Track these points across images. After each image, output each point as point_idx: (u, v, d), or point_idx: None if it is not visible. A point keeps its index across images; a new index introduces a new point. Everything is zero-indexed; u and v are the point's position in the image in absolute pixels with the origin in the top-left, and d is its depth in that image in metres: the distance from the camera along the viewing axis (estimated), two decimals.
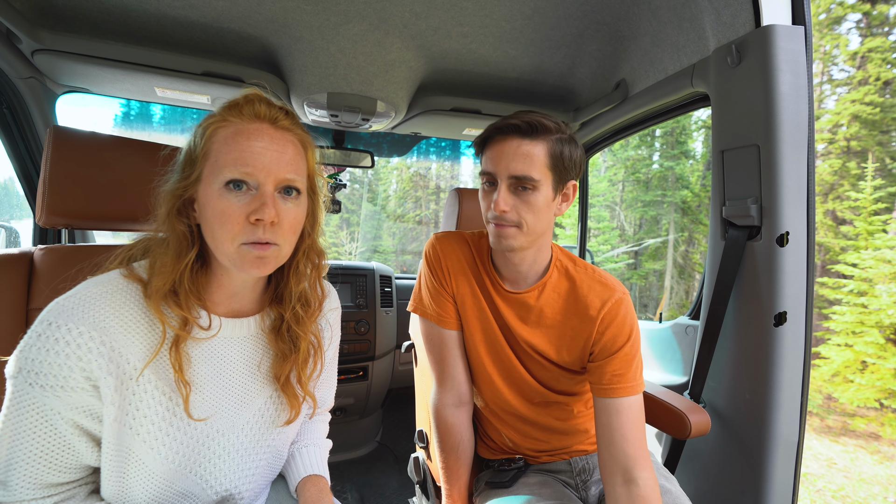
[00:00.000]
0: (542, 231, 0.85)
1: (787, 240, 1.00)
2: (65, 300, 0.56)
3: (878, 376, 5.53)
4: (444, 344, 0.98)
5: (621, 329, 0.86)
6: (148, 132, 2.22)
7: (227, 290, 0.67)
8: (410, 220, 14.86)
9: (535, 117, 0.80)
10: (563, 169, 0.82)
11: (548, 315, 0.91)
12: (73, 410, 0.56)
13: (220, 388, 0.67)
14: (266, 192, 0.58)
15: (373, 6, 1.21)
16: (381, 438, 2.39)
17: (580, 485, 0.97)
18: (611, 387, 0.84)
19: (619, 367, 0.85)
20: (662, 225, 11.04)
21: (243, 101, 0.61)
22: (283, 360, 0.71)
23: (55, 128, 0.92)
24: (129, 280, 0.61)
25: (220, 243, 0.58)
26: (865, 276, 5.87)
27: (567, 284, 0.91)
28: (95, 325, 0.55)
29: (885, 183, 6.76)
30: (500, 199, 0.80)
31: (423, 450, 1.31)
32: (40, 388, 0.54)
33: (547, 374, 0.95)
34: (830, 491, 4.22)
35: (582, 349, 0.89)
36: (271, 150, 0.59)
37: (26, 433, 0.55)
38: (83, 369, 0.54)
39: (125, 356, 0.57)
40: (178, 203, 0.61)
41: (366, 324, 1.98)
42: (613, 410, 0.83)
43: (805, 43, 0.97)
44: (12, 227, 1.96)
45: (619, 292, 0.88)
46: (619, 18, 1.30)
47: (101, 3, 1.19)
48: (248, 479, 0.71)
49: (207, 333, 0.65)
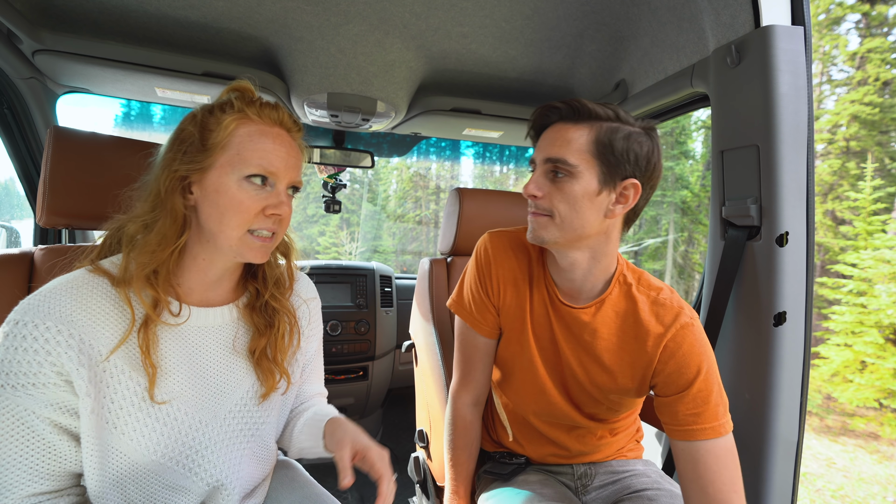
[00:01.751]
0: (583, 229, 0.74)
1: (786, 240, 1.00)
2: (31, 298, 0.57)
3: (877, 376, 5.53)
4: (475, 347, 0.94)
5: (689, 360, 0.74)
6: (148, 132, 2.22)
7: (203, 278, 0.68)
8: (410, 220, 14.86)
9: (582, 101, 0.73)
10: (613, 159, 0.71)
11: (603, 337, 0.80)
12: (49, 408, 0.56)
13: (194, 376, 0.67)
14: (281, 190, 0.66)
15: (373, 6, 1.21)
16: (381, 438, 2.39)
17: (580, 488, 0.97)
18: (687, 428, 0.73)
19: (694, 406, 0.73)
20: (662, 225, 11.05)
21: (261, 103, 0.67)
22: (258, 335, 0.74)
23: (55, 128, 0.92)
24: (94, 274, 0.62)
25: (227, 228, 0.63)
26: (865, 276, 5.88)
27: (625, 305, 0.81)
28: (62, 319, 0.56)
29: (885, 183, 6.76)
30: (532, 181, 0.75)
31: (423, 450, 1.32)
32: (12, 389, 0.53)
33: (584, 398, 0.86)
34: (830, 490, 4.22)
35: (641, 379, 0.79)
36: (291, 155, 0.67)
37: (4, 439, 0.55)
38: (53, 364, 0.54)
39: (95, 347, 0.58)
40: (180, 184, 0.64)
41: (366, 324, 1.98)
42: (695, 456, 0.72)
43: (805, 43, 0.97)
44: (12, 227, 1.96)
45: (685, 316, 0.77)
46: (619, 18, 1.30)
47: (101, 4, 1.19)
48: (236, 468, 0.71)
49: (177, 320, 0.66)
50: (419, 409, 1.39)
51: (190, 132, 0.64)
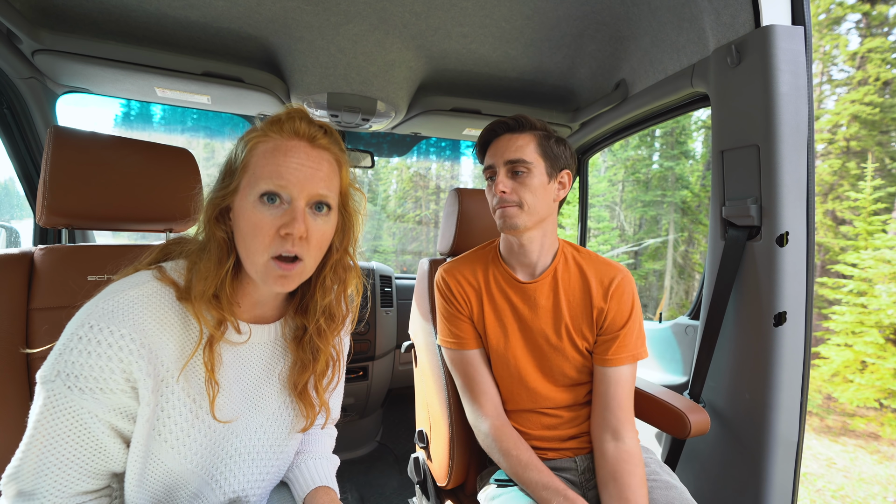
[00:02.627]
0: (542, 212, 0.94)
1: (786, 240, 1.00)
2: (103, 303, 0.56)
3: (877, 376, 5.52)
4: (470, 364, 1.02)
5: (626, 301, 0.97)
6: (148, 132, 2.22)
7: (252, 298, 0.68)
8: (410, 220, 14.86)
9: (521, 117, 0.94)
10: (553, 156, 0.94)
11: (561, 297, 0.99)
12: (111, 412, 0.56)
13: (242, 391, 0.68)
14: (298, 207, 0.60)
15: (373, 6, 1.21)
16: (381, 438, 2.39)
17: (584, 483, 0.98)
18: (614, 357, 0.94)
19: (625, 339, 0.95)
20: (662, 225, 11.04)
21: (285, 118, 0.63)
22: (302, 370, 0.73)
23: (55, 128, 0.92)
24: (161, 283, 0.61)
25: (252, 254, 0.60)
26: (865, 276, 5.87)
27: (576, 268, 1.01)
28: (136, 328, 0.56)
29: (885, 183, 6.76)
30: (500, 181, 0.93)
31: (423, 450, 1.31)
32: (79, 392, 0.53)
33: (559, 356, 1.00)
34: (830, 491, 4.22)
35: (594, 321, 0.98)
36: (306, 166, 0.61)
37: (60, 438, 0.55)
38: (124, 371, 0.55)
39: (161, 358, 0.58)
40: (216, 211, 0.63)
41: (366, 324, 1.98)
42: (612, 380, 0.94)
43: (805, 43, 0.97)
44: (12, 227, 1.96)
45: (622, 271, 1.00)
46: (619, 18, 1.30)
47: (101, 3, 1.19)
48: (258, 483, 0.71)
49: (240, 338, 0.66)
50: (419, 410, 1.39)
51: (227, 159, 0.65)
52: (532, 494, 0.87)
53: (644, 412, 1.10)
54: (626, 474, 0.86)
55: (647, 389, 1.12)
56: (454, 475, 1.13)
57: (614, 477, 0.86)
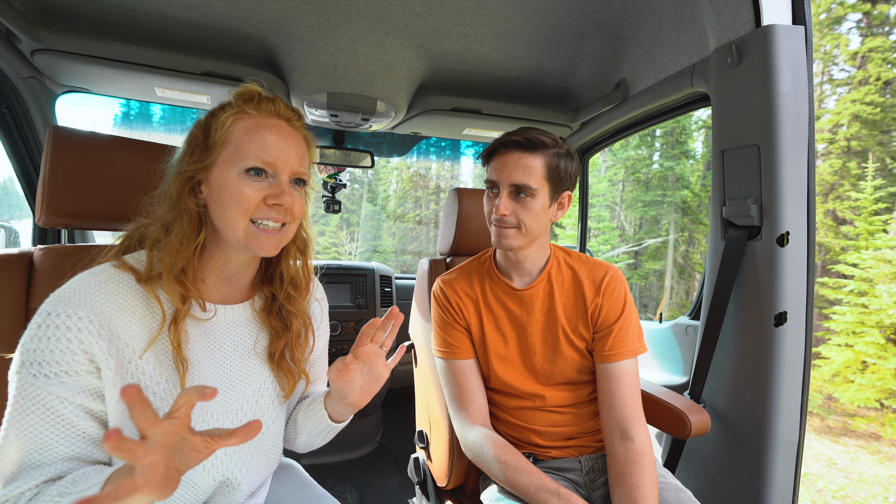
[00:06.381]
0: (538, 233, 0.96)
1: (787, 240, 1.00)
2: (61, 291, 0.59)
3: (878, 376, 5.52)
4: (461, 373, 1.02)
5: (619, 297, 0.99)
6: (148, 132, 2.21)
7: (221, 274, 0.71)
8: (410, 220, 14.87)
9: (535, 134, 0.91)
10: (558, 180, 0.93)
11: (556, 300, 1.00)
12: (80, 394, 0.57)
13: (215, 370, 0.69)
14: (283, 181, 0.65)
15: (373, 6, 1.21)
16: (381, 438, 2.39)
17: (589, 484, 0.98)
18: (613, 352, 0.95)
19: (622, 333, 0.96)
20: (662, 225, 11.04)
21: (260, 97, 0.67)
22: (276, 338, 0.76)
23: (55, 128, 0.91)
24: (120, 269, 0.63)
25: (231, 220, 0.63)
26: (866, 276, 5.87)
27: (568, 270, 1.03)
28: (93, 311, 0.57)
29: (886, 183, 6.76)
30: (502, 204, 0.92)
31: (423, 450, 1.31)
32: (44, 378, 0.54)
33: (559, 358, 1.00)
34: (831, 491, 4.22)
35: (590, 318, 0.99)
36: (289, 145, 0.66)
37: (35, 427, 0.55)
38: (85, 352, 0.56)
39: (124, 339, 0.59)
40: (189, 184, 0.65)
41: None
42: (614, 376, 0.94)
43: (805, 43, 0.97)
44: (12, 227, 1.96)
45: (613, 269, 1.02)
46: (619, 18, 1.30)
47: (100, 3, 1.19)
48: (245, 465, 0.71)
49: (205, 315, 0.69)
50: (419, 410, 1.38)
51: (195, 135, 0.67)
52: (527, 499, 0.86)
53: (644, 412, 1.09)
54: (634, 475, 0.85)
55: (647, 389, 1.12)
56: (454, 475, 1.13)
57: (623, 478, 0.86)
